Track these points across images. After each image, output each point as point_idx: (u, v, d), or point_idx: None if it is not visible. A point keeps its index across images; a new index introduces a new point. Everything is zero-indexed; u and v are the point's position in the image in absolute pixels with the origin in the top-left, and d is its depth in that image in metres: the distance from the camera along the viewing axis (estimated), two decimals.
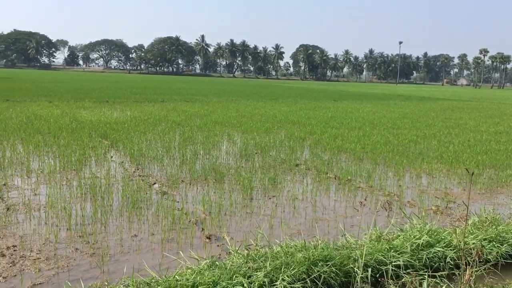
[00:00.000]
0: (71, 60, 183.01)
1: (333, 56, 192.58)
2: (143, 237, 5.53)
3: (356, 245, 4.79)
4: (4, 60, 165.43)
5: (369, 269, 4.22)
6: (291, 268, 4.08)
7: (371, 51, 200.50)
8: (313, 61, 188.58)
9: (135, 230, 5.73)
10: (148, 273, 4.23)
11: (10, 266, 4.57)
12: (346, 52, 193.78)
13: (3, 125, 13.50)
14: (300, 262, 4.20)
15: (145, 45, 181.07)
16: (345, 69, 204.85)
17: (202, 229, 5.82)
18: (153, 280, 3.95)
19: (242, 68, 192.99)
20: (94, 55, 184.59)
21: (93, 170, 8.62)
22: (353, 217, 6.61)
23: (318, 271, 4.13)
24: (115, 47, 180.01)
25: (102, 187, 7.48)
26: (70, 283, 4.08)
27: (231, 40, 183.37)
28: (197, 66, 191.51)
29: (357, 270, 4.20)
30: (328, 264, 4.22)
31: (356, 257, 4.32)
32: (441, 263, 4.63)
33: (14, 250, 4.95)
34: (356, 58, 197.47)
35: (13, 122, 14.30)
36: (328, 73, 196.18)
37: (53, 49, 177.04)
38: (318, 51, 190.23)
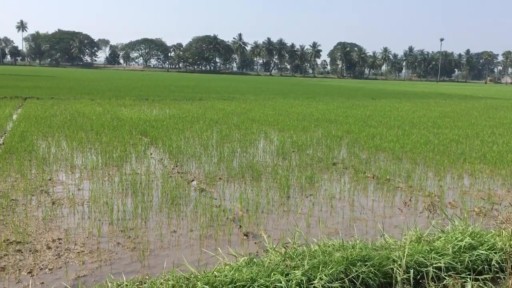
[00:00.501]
0: (112, 59, 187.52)
1: (371, 54, 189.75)
2: (182, 233, 5.63)
3: (395, 245, 4.72)
4: (49, 59, 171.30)
5: (411, 271, 4.15)
6: (329, 267, 4.06)
7: (410, 49, 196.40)
8: (350, 59, 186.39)
9: (174, 226, 5.84)
10: (187, 268, 4.30)
11: (56, 258, 4.74)
12: (385, 49, 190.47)
13: (48, 122, 13.98)
14: (338, 261, 4.18)
15: (184, 44, 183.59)
16: (384, 67, 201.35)
17: (240, 226, 5.87)
18: (192, 276, 4.02)
19: (279, 66, 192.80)
20: (134, 54, 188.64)
21: (134, 167, 8.83)
22: (392, 217, 6.51)
23: (356, 271, 4.10)
24: (154, 46, 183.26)
25: (142, 183, 7.64)
26: (112, 276, 4.20)
27: (268, 39, 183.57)
28: (234, 65, 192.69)
29: (398, 271, 4.14)
30: (367, 265, 4.18)
31: (396, 258, 4.26)
32: (484, 266, 4.50)
33: (60, 243, 5.13)
34: (395, 55, 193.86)
35: (57, 119, 14.79)
36: (366, 71, 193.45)
37: (95, 48, 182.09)
38: (356, 49, 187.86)
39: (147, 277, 4.19)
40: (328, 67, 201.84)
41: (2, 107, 17.99)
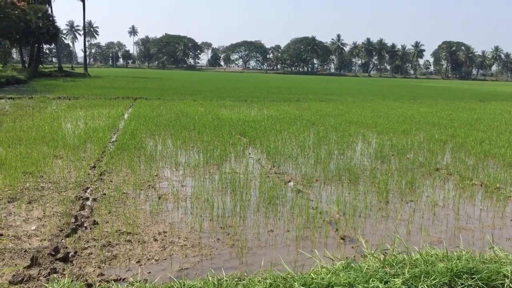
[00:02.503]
0: (214, 61, 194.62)
1: (480, 54, 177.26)
2: (279, 233, 5.70)
3: (506, 259, 4.39)
4: (156, 62, 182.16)
5: None
6: (432, 278, 3.88)
7: None
8: (456, 59, 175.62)
9: (271, 226, 5.93)
10: (284, 268, 4.35)
11: (161, 250, 5.04)
12: (496, 48, 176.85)
13: (155, 121, 14.89)
14: (441, 272, 3.98)
15: (282, 46, 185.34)
16: (494, 67, 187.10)
17: (336, 229, 5.81)
18: (289, 276, 4.06)
19: (378, 67, 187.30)
20: (234, 56, 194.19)
21: (233, 166, 9.10)
22: (502, 229, 6.05)
23: (462, 284, 3.88)
24: (253, 48, 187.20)
25: (241, 182, 7.86)
26: (213, 271, 4.37)
27: (368, 39, 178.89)
28: (332, 66, 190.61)
29: (510, 287, 3.85)
30: (474, 278, 3.93)
31: (507, 273, 3.96)
32: None
33: (165, 236, 5.45)
34: (507, 55, 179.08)
35: (163, 118, 15.69)
36: (474, 71, 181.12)
37: (198, 51, 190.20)
38: (463, 48, 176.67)
39: (245, 274, 4.32)
40: (431, 68, 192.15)
41: (115, 107, 19.49)
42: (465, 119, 18.70)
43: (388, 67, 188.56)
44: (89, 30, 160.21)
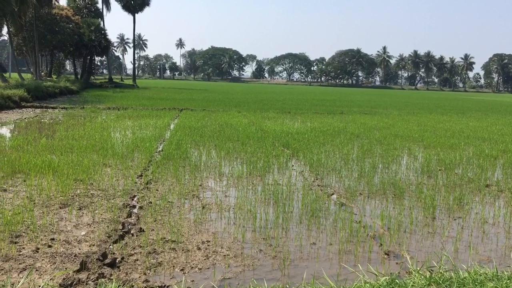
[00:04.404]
0: (258, 73, 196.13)
1: None
2: (321, 245, 5.67)
3: None
4: (202, 74, 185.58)
5: None
6: None
7: None
8: (508, 72, 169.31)
9: (313, 238, 5.90)
10: (326, 281, 4.32)
11: (205, 259, 5.11)
12: None
13: (200, 132, 15.15)
14: None
15: (326, 58, 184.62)
16: None
17: (380, 244, 5.71)
18: None
19: (426, 80, 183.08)
20: (278, 68, 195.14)
21: (276, 177, 9.13)
22: None
23: None
24: (298, 60, 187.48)
25: (284, 194, 7.87)
26: (255, 281, 4.40)
27: (415, 51, 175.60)
28: (377, 78, 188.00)
29: None
30: None
31: None
32: None
33: (208, 245, 5.52)
34: None
35: (208, 129, 15.95)
36: None
37: (243, 63, 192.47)
38: None
39: (287, 286, 4.32)
40: (482, 81, 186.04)
41: (162, 117, 19.98)
42: None
43: (436, 80, 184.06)
44: (139, 43, 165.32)
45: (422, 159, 11.66)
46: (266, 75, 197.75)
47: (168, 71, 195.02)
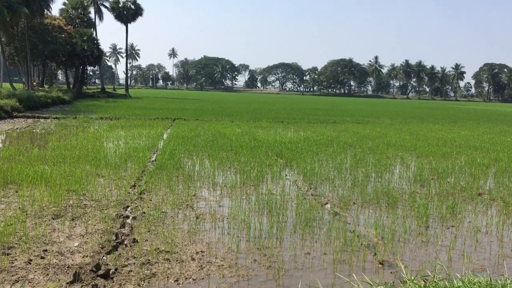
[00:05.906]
0: (251, 82, 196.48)
1: None
2: (316, 255, 5.67)
3: None
4: (195, 83, 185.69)
5: None
6: None
7: None
8: (499, 81, 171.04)
9: (308, 248, 5.90)
10: None
11: (199, 270, 5.09)
12: None
13: (193, 141, 15.14)
14: None
15: (319, 68, 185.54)
16: None
17: (375, 253, 5.73)
18: None
19: (417, 89, 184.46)
20: (271, 78, 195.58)
21: (269, 187, 9.13)
22: None
23: None
24: (290, 70, 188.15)
25: (278, 203, 7.86)
26: None
27: (406, 61, 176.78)
28: (369, 88, 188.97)
29: None
30: None
31: None
32: None
33: (202, 255, 5.50)
34: None
35: (201, 139, 15.94)
36: None
37: (236, 73, 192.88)
38: (505, 69, 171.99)
39: None
40: (473, 90, 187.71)
41: (155, 127, 19.94)
42: (508, 143, 18.14)
43: (427, 89, 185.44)
44: (131, 53, 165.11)
45: (414, 168, 11.72)
46: (259, 84, 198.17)
47: (160, 81, 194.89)
